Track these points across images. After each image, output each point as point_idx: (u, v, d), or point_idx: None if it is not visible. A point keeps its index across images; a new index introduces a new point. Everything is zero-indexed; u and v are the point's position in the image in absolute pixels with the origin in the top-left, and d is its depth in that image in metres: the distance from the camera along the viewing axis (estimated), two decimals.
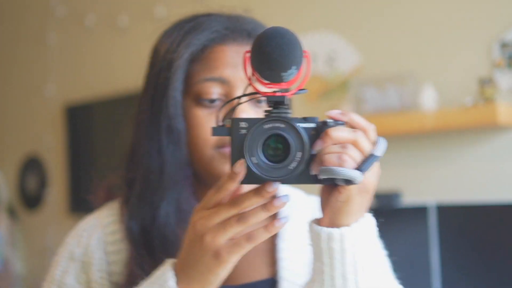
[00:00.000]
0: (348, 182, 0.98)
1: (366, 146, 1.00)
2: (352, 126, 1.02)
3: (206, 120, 1.30)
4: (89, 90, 5.04)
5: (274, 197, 1.00)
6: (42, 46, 5.41)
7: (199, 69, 1.31)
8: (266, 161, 0.98)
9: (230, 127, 1.01)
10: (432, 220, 3.08)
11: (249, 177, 0.99)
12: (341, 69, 3.79)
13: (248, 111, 1.28)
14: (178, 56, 1.31)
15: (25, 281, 5.49)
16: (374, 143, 1.02)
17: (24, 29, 5.62)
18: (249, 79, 1.04)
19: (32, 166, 5.46)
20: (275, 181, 0.99)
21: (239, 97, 1.13)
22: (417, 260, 3.07)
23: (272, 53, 0.96)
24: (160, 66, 1.34)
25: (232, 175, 0.99)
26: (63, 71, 5.29)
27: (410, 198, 3.38)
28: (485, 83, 3.20)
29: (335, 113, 1.02)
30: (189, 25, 1.35)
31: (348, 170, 0.97)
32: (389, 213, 3.19)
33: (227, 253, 1.01)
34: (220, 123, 1.08)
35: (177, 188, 1.31)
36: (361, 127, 1.02)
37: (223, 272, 1.04)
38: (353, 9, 3.77)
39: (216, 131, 1.03)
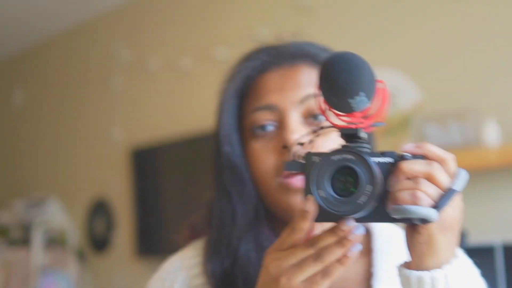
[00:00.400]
0: (424, 221, 0.93)
1: (443, 179, 0.94)
2: (428, 159, 0.96)
3: (263, 151, 1.25)
4: (154, 133, 5.09)
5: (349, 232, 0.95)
6: (106, 91, 5.49)
7: (248, 103, 1.29)
8: (334, 195, 0.93)
9: (305, 162, 0.97)
10: (499, 260, 2.99)
11: (320, 216, 0.95)
12: (402, 106, 3.73)
13: (300, 128, 1.23)
14: (224, 93, 1.31)
15: None
16: (453, 176, 0.96)
17: (88, 74, 5.72)
18: (322, 109, 0.99)
19: (100, 210, 5.52)
20: (343, 215, 0.93)
21: (315, 131, 1.09)
22: None
23: (337, 79, 0.92)
24: (216, 107, 1.34)
25: (303, 214, 0.96)
26: (128, 115, 5.36)
27: (475, 237, 3.28)
28: None
29: (410, 147, 0.97)
30: (237, 62, 1.34)
31: (421, 208, 0.91)
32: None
33: None
34: (293, 158, 1.06)
35: (252, 226, 1.27)
36: (438, 157, 0.96)
37: None
38: (413, 44, 3.73)
39: (289, 166, 1.00)
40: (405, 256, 1.14)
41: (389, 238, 1.35)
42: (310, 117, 1.24)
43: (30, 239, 5.33)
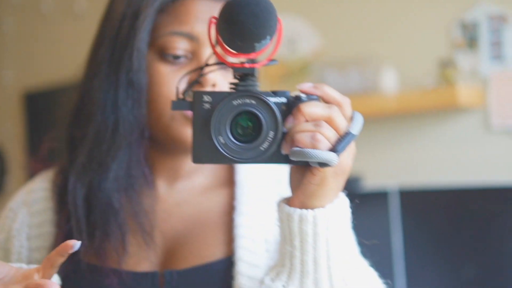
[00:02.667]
0: (323, 164, 0.91)
1: (342, 123, 0.93)
2: (325, 101, 0.94)
3: (169, 78, 1.19)
4: (48, 76, 4.97)
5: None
6: None
7: (167, 21, 1.20)
8: (235, 141, 0.91)
9: (192, 101, 0.93)
10: (394, 205, 3.06)
11: (218, 158, 0.92)
12: (302, 52, 3.75)
13: (221, 81, 1.19)
14: (148, 4, 1.20)
15: None
16: (350, 119, 0.95)
17: None
18: (213, 47, 0.95)
19: None
20: (245, 162, 0.92)
21: (200, 68, 1.05)
22: (379, 246, 3.06)
23: (246, 22, 0.87)
24: (123, 13, 1.22)
25: (64, 249, 0.90)
26: (20, 57, 5.21)
27: (371, 182, 3.36)
28: (446, 64, 3.21)
29: (307, 86, 0.94)
30: None
31: (323, 153, 0.89)
32: (350, 198, 3.17)
33: None
34: (181, 96, 1.00)
35: (130, 150, 1.20)
36: (336, 101, 0.94)
37: None
38: None
39: (175, 105, 0.96)
40: (279, 192, 1.17)
41: (251, 171, 1.32)
42: None
43: None
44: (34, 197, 1.28)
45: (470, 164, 3.26)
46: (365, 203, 3.11)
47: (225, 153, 0.90)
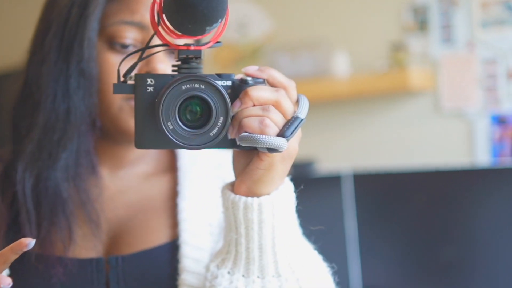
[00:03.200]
0: (272, 150, 0.90)
1: (289, 107, 0.92)
2: (271, 84, 0.93)
3: (117, 67, 1.13)
4: None
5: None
6: None
7: (116, 9, 1.18)
8: (184, 127, 0.88)
9: (134, 84, 0.91)
10: (347, 189, 3.08)
11: (162, 143, 0.90)
12: (252, 36, 3.76)
13: (165, 57, 1.17)
14: None
15: None
16: (296, 103, 0.95)
17: None
18: (157, 27, 0.92)
19: None
20: (195, 149, 0.89)
21: (143, 49, 0.99)
22: (333, 230, 3.08)
23: (199, 5, 0.84)
24: (72, 1, 1.19)
25: (19, 246, 0.88)
26: None
27: (324, 165, 3.38)
28: (397, 47, 3.25)
29: (252, 69, 0.93)
30: None
31: (272, 138, 0.88)
32: (303, 182, 3.18)
33: None
34: (122, 79, 0.96)
35: (80, 139, 1.18)
36: (282, 84, 0.94)
37: None
38: None
39: (117, 88, 0.93)
40: (221, 175, 1.18)
41: (192, 156, 1.32)
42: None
43: None
44: None
45: (422, 146, 3.31)
46: (318, 187, 3.14)
47: (174, 140, 0.88)
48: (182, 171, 1.28)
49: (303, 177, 3.17)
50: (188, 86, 0.87)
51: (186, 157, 1.30)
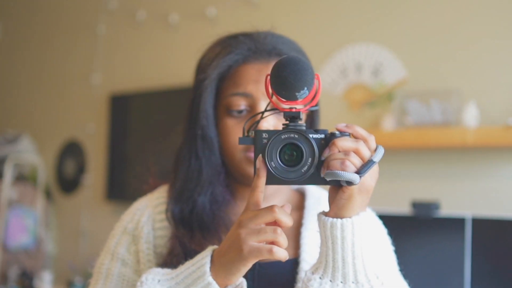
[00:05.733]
0: (349, 183, 1.18)
1: (366, 153, 1.20)
2: (355, 137, 1.22)
3: (235, 128, 1.53)
4: (134, 82, 5.18)
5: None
6: (91, 36, 5.53)
7: (227, 86, 1.55)
8: (282, 165, 1.19)
9: (254, 137, 1.22)
10: (468, 231, 3.17)
11: (269, 178, 1.20)
12: (386, 81, 3.89)
13: (271, 121, 1.50)
14: (207, 77, 1.55)
15: (56, 262, 5.62)
16: (374, 151, 1.21)
17: (74, 16, 5.74)
18: (270, 97, 1.25)
19: (72, 151, 5.56)
20: (291, 183, 1.20)
21: (262, 112, 1.36)
22: (452, 269, 3.17)
23: (288, 77, 1.17)
24: (195, 83, 1.59)
25: (257, 173, 1.21)
26: (110, 61, 5.42)
27: (448, 210, 3.47)
28: None
29: (341, 126, 1.22)
30: (218, 48, 1.58)
31: (348, 174, 1.16)
32: (427, 222, 3.30)
33: (249, 253, 1.21)
34: (246, 134, 1.29)
35: (212, 186, 1.55)
36: (363, 137, 1.21)
37: (243, 268, 1.24)
38: (401, 22, 3.88)
39: (242, 140, 1.24)
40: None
41: (318, 198, 1.68)
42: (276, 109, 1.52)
43: (2, 173, 5.37)
44: (156, 202, 1.64)
45: None
46: (441, 227, 3.25)
47: (275, 173, 1.18)
48: (308, 208, 1.64)
49: (427, 217, 3.29)
50: (286, 136, 1.19)
51: (312, 198, 1.68)
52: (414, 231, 3.28)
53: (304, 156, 1.17)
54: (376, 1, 3.99)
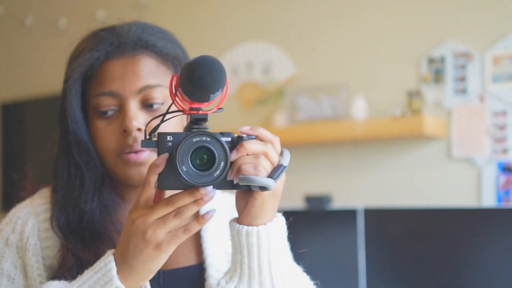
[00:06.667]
0: (263, 188, 1.15)
1: (275, 157, 1.17)
2: (261, 139, 1.18)
3: (106, 130, 1.43)
4: (25, 88, 5.06)
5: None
6: None
7: (93, 86, 1.44)
8: (194, 170, 1.12)
9: (157, 140, 1.16)
10: (360, 222, 3.23)
11: (180, 183, 1.14)
12: (277, 78, 3.92)
13: (138, 113, 1.42)
14: (69, 78, 1.44)
15: None
16: (280, 154, 1.19)
17: None
18: (174, 97, 1.17)
19: None
20: (203, 186, 1.14)
21: (163, 115, 1.25)
22: (346, 260, 3.23)
23: (204, 78, 1.11)
24: (63, 88, 1.48)
25: (152, 167, 1.15)
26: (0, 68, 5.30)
27: (340, 202, 3.53)
28: (413, 96, 3.38)
29: (246, 128, 1.19)
30: (80, 48, 1.47)
31: (263, 179, 1.13)
32: (321, 216, 3.34)
33: (167, 244, 1.15)
34: (147, 137, 1.21)
35: (97, 189, 1.45)
36: (269, 140, 1.18)
37: (163, 261, 1.18)
38: (289, 20, 3.92)
39: (144, 143, 1.18)
40: (230, 215, 1.44)
41: (212, 201, 1.57)
42: (147, 105, 1.44)
43: None
44: (39, 209, 1.50)
45: (433, 190, 3.44)
46: (334, 220, 3.30)
47: (187, 179, 1.12)
48: (203, 208, 1.54)
49: (320, 211, 3.34)
50: (197, 139, 1.13)
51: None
52: (308, 225, 3.32)
53: (217, 160, 1.12)
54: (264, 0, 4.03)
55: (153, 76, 1.44)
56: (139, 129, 1.40)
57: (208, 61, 1.13)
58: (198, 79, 1.11)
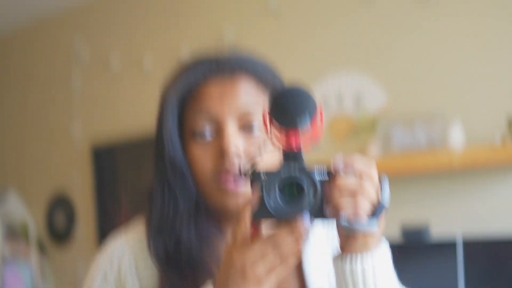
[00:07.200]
0: (365, 232, 1.12)
1: (373, 195, 1.12)
2: (357, 173, 1.13)
3: (202, 156, 1.38)
4: (115, 131, 5.17)
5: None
6: (68, 88, 5.53)
7: (190, 107, 1.40)
8: (282, 205, 1.11)
9: (251, 180, 1.14)
10: (460, 254, 3.15)
11: (264, 213, 1.12)
12: (368, 109, 3.87)
13: (236, 136, 1.37)
14: (167, 100, 1.41)
15: None
16: (377, 187, 1.14)
17: (50, 70, 5.74)
18: (268, 132, 1.14)
19: (60, 204, 5.56)
20: (292, 214, 1.11)
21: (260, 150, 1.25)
22: None
23: (288, 100, 1.09)
24: (159, 110, 1.45)
25: (247, 206, 1.13)
26: (88, 112, 5.41)
27: (439, 234, 3.44)
28: None
29: (340, 159, 1.14)
30: (177, 72, 1.45)
31: (365, 226, 1.10)
32: (419, 248, 3.27)
33: (267, 280, 1.12)
34: (244, 176, 1.18)
35: (192, 216, 1.40)
36: (365, 173, 1.13)
37: None
38: (379, 48, 3.88)
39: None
40: (331, 249, 1.43)
41: (313, 232, 1.53)
42: (245, 127, 1.38)
43: None
44: (134, 240, 1.46)
45: None
46: (433, 253, 3.22)
47: (274, 214, 1.11)
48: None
49: (419, 243, 3.27)
50: (287, 175, 1.11)
51: None
52: (406, 259, 3.25)
53: (306, 193, 1.11)
54: (353, 27, 3.99)
55: (253, 95, 1.40)
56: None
57: (292, 85, 1.12)
58: (282, 102, 1.10)
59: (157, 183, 1.43)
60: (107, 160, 5.21)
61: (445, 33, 3.65)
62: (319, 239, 1.54)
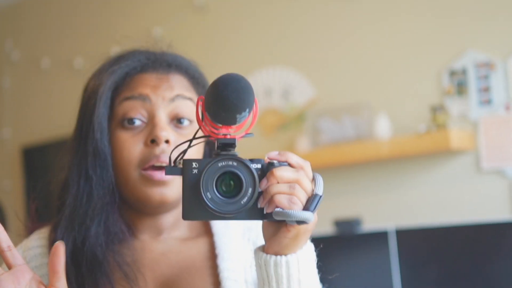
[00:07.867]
0: (300, 222, 1.07)
1: (308, 185, 1.09)
2: (290, 165, 1.09)
3: (129, 142, 1.34)
4: (45, 131, 5.06)
5: None
6: None
7: (121, 94, 1.37)
8: (220, 196, 1.06)
9: (183, 167, 1.08)
10: (392, 244, 3.16)
11: (205, 213, 1.07)
12: (297, 102, 3.88)
13: (166, 127, 1.34)
14: (102, 84, 1.36)
15: None
16: (312, 180, 1.11)
17: None
18: (200, 121, 1.10)
19: None
20: (229, 218, 1.07)
21: (190, 140, 1.18)
22: (381, 283, 3.16)
23: (229, 97, 1.02)
24: (88, 96, 1.39)
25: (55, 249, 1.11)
26: (18, 114, 5.30)
27: (370, 224, 3.46)
28: (437, 110, 3.31)
29: (274, 154, 1.10)
30: (114, 59, 1.42)
31: (301, 213, 1.05)
32: (351, 239, 3.27)
33: None
34: (172, 164, 1.14)
35: (105, 211, 1.34)
36: (300, 166, 1.10)
37: None
38: (306, 43, 3.88)
39: (169, 170, 1.11)
40: (246, 239, 1.39)
41: (225, 222, 1.48)
42: (175, 119, 1.36)
43: None
44: (31, 254, 1.40)
45: (463, 205, 3.35)
46: (365, 243, 3.23)
47: (212, 207, 1.05)
48: (218, 235, 1.45)
49: (350, 235, 3.27)
50: (223, 163, 1.06)
51: (219, 222, 1.48)
52: (339, 250, 3.25)
53: (244, 186, 1.05)
54: (279, 23, 3.99)
55: (186, 90, 1.38)
56: (167, 141, 1.32)
57: (233, 78, 1.05)
58: (223, 98, 1.03)
59: (74, 172, 1.37)
60: (39, 161, 5.10)
61: (370, 27, 3.67)
62: (234, 232, 1.48)
